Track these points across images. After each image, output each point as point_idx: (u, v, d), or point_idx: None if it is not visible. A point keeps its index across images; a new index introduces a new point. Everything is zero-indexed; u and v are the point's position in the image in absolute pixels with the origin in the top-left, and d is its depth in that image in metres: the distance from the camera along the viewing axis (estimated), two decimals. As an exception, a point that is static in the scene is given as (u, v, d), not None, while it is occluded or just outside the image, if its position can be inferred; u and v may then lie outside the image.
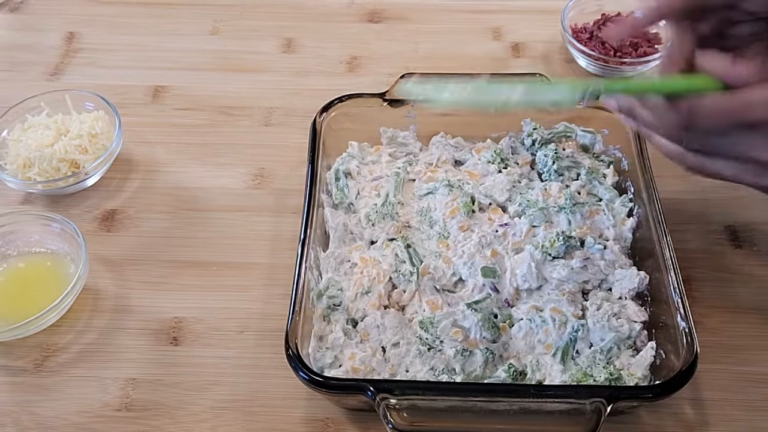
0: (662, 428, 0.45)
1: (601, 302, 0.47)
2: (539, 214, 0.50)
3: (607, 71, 0.65)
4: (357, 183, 0.54)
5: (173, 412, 0.46)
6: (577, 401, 0.40)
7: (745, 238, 0.54)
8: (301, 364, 0.41)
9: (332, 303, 0.48)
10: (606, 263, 0.48)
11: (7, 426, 0.46)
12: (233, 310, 0.51)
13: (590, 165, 0.54)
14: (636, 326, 0.46)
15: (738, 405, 0.46)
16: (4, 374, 0.48)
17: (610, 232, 0.50)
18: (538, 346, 0.45)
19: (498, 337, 0.46)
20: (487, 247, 0.49)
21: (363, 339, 0.46)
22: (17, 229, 0.53)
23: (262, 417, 0.46)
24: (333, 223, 0.51)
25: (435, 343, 0.45)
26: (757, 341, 0.49)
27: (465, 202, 0.51)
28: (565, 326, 0.45)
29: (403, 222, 0.52)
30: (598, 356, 0.44)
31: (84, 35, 0.71)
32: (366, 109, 0.55)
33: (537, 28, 0.70)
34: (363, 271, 0.49)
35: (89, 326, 0.51)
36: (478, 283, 0.48)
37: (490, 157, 0.54)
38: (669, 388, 0.40)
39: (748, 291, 0.51)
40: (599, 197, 0.52)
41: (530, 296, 0.48)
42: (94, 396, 0.47)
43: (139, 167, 0.60)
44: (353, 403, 0.45)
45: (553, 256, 0.48)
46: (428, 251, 0.50)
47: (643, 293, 0.48)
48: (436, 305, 0.47)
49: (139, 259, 0.54)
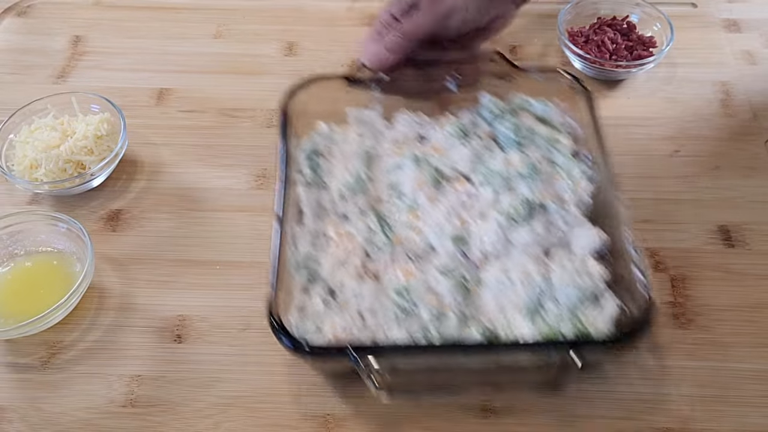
0: (656, 424, 0.46)
1: (564, 262, 0.49)
2: (502, 183, 0.52)
3: (603, 74, 0.66)
4: (327, 162, 0.56)
5: (177, 409, 0.47)
6: (545, 355, 0.42)
7: (737, 237, 0.55)
8: (287, 334, 0.43)
9: (311, 276, 0.49)
10: (567, 225, 0.50)
11: (15, 422, 0.47)
12: (236, 308, 0.52)
13: (548, 135, 0.55)
14: (598, 283, 0.47)
15: (730, 401, 0.47)
16: (12, 371, 0.49)
17: (570, 196, 0.52)
18: (508, 305, 0.47)
19: (470, 300, 0.48)
20: (455, 215, 0.51)
21: (342, 308, 0.48)
22: (24, 229, 0.54)
23: (265, 413, 0.47)
24: (306, 200, 0.53)
25: (410, 308, 0.47)
26: (748, 339, 0.50)
27: (431, 174, 0.53)
28: (531, 286, 0.47)
29: (374, 196, 0.54)
30: (565, 313, 0.46)
31: (90, 39, 0.72)
32: (332, 91, 0.57)
33: (534, 31, 0.71)
34: (338, 244, 0.50)
35: (95, 324, 0.51)
36: (448, 250, 0.50)
37: (453, 131, 0.56)
38: (629, 337, 0.42)
39: (740, 290, 0.52)
40: (558, 164, 0.54)
41: (498, 260, 0.50)
42: (99, 392, 0.48)
43: (144, 168, 0.61)
44: (338, 369, 0.47)
45: (517, 221, 0.50)
46: (399, 222, 0.52)
47: (603, 252, 0.49)
48: (410, 273, 0.49)
49: (143, 258, 0.55)
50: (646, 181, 0.59)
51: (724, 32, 0.72)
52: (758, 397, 0.47)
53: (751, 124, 0.64)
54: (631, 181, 0.59)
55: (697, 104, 0.65)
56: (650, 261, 0.54)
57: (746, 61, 0.69)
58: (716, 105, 0.65)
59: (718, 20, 0.73)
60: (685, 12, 0.74)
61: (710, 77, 0.67)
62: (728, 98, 0.66)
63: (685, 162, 0.61)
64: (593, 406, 0.47)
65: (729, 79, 0.67)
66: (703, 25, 0.72)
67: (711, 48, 0.70)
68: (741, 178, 0.59)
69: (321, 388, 0.48)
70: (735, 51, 0.70)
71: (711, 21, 0.73)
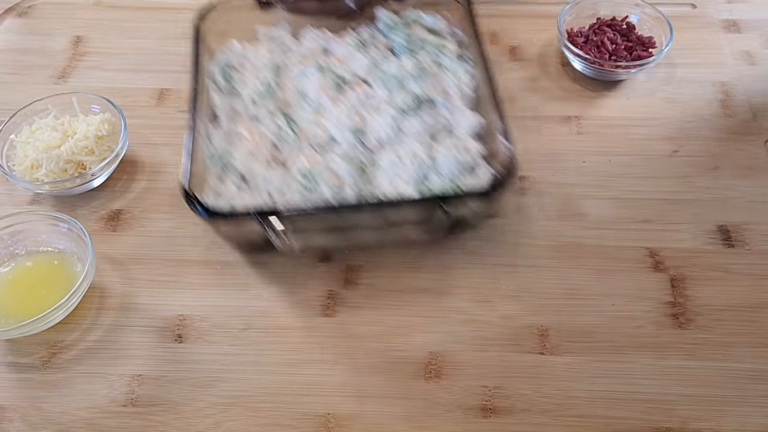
0: (657, 423, 0.46)
1: (447, 143, 0.56)
2: (396, 83, 0.60)
3: (602, 74, 0.66)
4: (240, 74, 0.62)
5: (178, 408, 0.47)
6: (422, 208, 0.49)
7: (737, 237, 0.55)
8: (201, 205, 0.48)
9: (224, 166, 0.55)
10: (451, 114, 0.58)
11: (15, 421, 0.47)
12: (237, 308, 0.52)
13: (436, 42, 0.63)
14: (475, 157, 0.55)
15: (730, 401, 0.47)
16: (13, 371, 0.49)
17: (454, 91, 0.59)
18: (398, 180, 0.53)
19: (365, 178, 0.54)
20: (354, 112, 0.58)
21: (253, 190, 0.53)
22: (25, 229, 0.54)
23: (265, 412, 0.47)
24: (221, 105, 0.59)
25: (313, 186, 0.53)
26: (748, 338, 0.50)
27: (333, 80, 0.60)
28: (419, 164, 0.54)
29: (282, 101, 0.60)
30: (446, 182, 0.53)
31: (90, 39, 0.72)
32: (242, 13, 0.63)
33: (534, 32, 0.72)
34: (250, 140, 0.56)
35: (95, 324, 0.52)
36: (348, 141, 0.56)
37: (353, 42, 0.63)
38: (493, 190, 0.49)
39: (739, 289, 0.52)
40: (444, 66, 0.61)
41: (391, 146, 0.56)
42: (100, 392, 0.48)
43: (145, 168, 0.61)
44: (251, 239, 0.52)
45: (408, 113, 0.58)
46: (305, 121, 0.58)
47: (481, 133, 0.57)
48: (314, 160, 0.55)
49: (144, 257, 0.55)
50: (645, 181, 0.59)
51: (724, 33, 0.72)
52: (758, 397, 0.47)
53: (750, 125, 0.64)
54: (631, 181, 0.59)
55: (697, 104, 0.65)
56: (650, 261, 0.54)
57: (745, 61, 0.69)
58: (716, 105, 0.65)
59: (717, 21, 0.73)
60: (685, 12, 0.74)
61: (710, 77, 0.67)
62: (728, 98, 0.66)
63: (685, 162, 0.61)
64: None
65: (728, 79, 0.67)
66: (702, 26, 0.73)
67: (710, 48, 0.70)
68: (740, 178, 0.59)
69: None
70: (734, 51, 0.70)
71: (710, 21, 0.73)
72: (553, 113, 0.65)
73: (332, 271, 0.54)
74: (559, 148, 0.62)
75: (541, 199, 0.58)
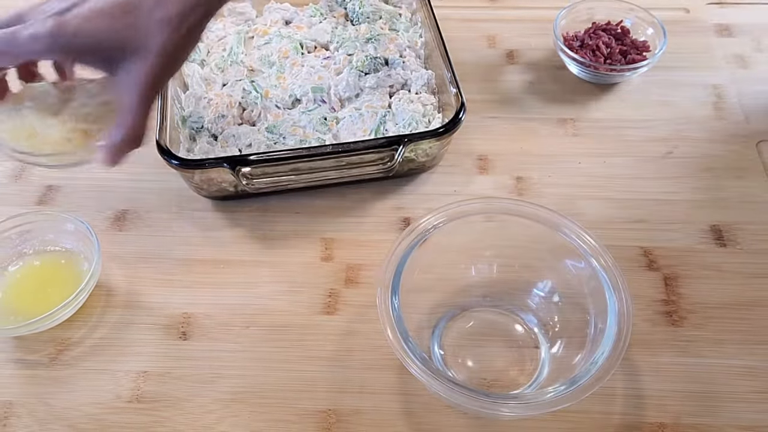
0: (650, 419, 0.47)
1: (403, 97, 0.61)
2: (353, 45, 0.65)
3: (598, 78, 0.67)
4: (206, 45, 0.67)
5: (182, 404, 0.48)
6: (378, 148, 0.54)
7: (729, 237, 0.56)
8: (172, 155, 0.52)
9: (195, 126, 0.60)
10: (405, 70, 0.63)
11: (23, 417, 0.48)
12: (240, 306, 0.53)
13: (391, 10, 0.70)
14: (429, 107, 0.60)
15: (722, 397, 0.48)
16: (21, 367, 0.50)
17: (407, 51, 0.66)
18: (358, 132, 0.59)
19: (327, 131, 0.59)
20: (315, 74, 0.63)
21: (222, 146, 0.58)
22: (33, 228, 0.54)
23: (268, 408, 0.48)
24: (189, 71, 0.63)
25: (279, 139, 0.58)
26: (740, 336, 0.51)
27: (295, 45, 0.66)
28: (376, 115, 0.59)
29: (247, 66, 0.65)
30: (401, 130, 0.58)
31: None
32: None
33: (530, 36, 0.73)
34: (218, 104, 0.60)
35: (102, 321, 0.52)
36: (310, 99, 0.62)
37: (313, 13, 0.70)
38: (444, 129, 0.54)
39: (731, 287, 0.53)
40: (398, 30, 0.68)
41: (351, 103, 0.62)
42: (106, 388, 0.49)
43: (150, 169, 0.62)
44: (223, 187, 0.56)
45: (365, 72, 0.63)
46: (269, 84, 0.63)
47: (433, 87, 0.63)
48: (279, 116, 0.61)
49: (149, 256, 0.56)
50: (639, 182, 0.60)
51: (716, 36, 0.73)
52: (750, 393, 0.48)
53: (742, 127, 0.65)
54: (625, 182, 0.60)
55: (690, 107, 0.66)
56: (644, 260, 0.55)
57: (738, 64, 0.70)
58: (708, 108, 0.66)
59: (710, 25, 0.74)
60: (678, 17, 0.75)
61: (702, 80, 0.69)
62: (720, 101, 0.67)
63: (678, 163, 0.62)
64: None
65: (721, 82, 0.69)
66: (695, 30, 0.74)
67: (703, 52, 0.72)
68: (733, 179, 0.60)
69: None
70: (727, 55, 0.71)
71: (703, 26, 0.74)
72: (549, 115, 0.66)
73: (333, 270, 0.55)
74: (556, 150, 0.63)
75: (538, 199, 0.59)
